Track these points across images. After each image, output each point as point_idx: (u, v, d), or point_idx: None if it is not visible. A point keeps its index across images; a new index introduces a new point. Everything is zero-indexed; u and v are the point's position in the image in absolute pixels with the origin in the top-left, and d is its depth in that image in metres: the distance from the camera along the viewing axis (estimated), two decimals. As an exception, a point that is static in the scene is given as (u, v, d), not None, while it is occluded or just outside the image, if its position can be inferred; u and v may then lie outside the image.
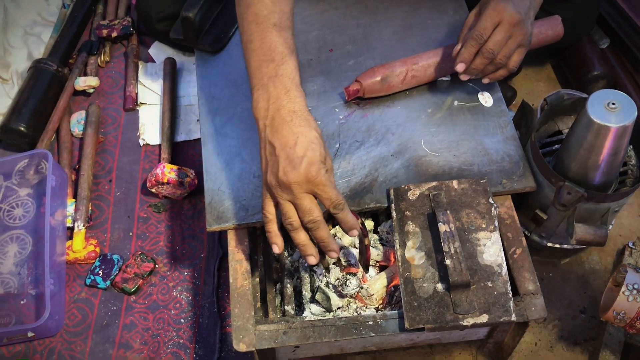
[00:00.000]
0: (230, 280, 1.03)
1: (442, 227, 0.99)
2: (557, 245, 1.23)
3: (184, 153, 1.49)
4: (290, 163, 0.87)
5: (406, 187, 1.08)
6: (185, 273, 1.32)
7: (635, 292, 1.01)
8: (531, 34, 1.10)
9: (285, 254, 1.16)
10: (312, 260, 0.93)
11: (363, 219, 1.07)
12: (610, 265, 1.30)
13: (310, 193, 0.89)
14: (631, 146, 1.17)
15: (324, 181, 0.88)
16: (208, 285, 1.29)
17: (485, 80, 1.15)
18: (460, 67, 1.10)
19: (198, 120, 1.53)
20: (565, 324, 1.24)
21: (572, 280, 1.29)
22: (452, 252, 0.97)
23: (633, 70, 1.52)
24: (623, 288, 1.02)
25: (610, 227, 1.25)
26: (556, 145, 1.21)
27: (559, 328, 1.23)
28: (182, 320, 1.26)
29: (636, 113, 0.98)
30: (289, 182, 0.87)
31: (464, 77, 1.13)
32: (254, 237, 1.14)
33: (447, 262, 0.96)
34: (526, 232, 1.23)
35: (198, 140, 1.50)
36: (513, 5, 1.05)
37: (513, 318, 0.95)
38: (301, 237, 0.92)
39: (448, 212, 1.01)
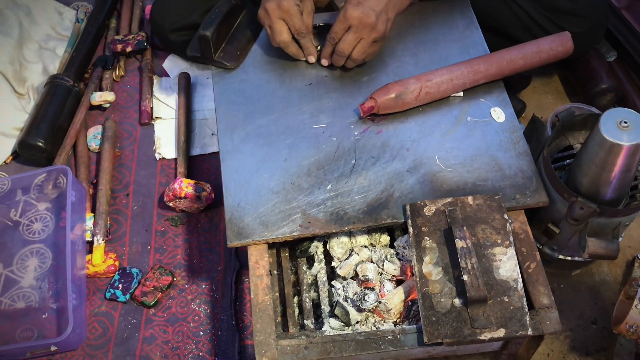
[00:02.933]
0: (252, 296, 1.06)
1: (459, 243, 1.02)
2: (569, 258, 1.25)
3: (199, 167, 1.51)
4: None
5: (422, 203, 1.10)
6: (203, 286, 1.34)
7: (647, 305, 1.04)
8: (387, 29, 1.24)
9: (304, 268, 1.19)
10: (312, 58, 1.30)
11: None
12: (620, 277, 1.33)
13: (282, 19, 1.23)
14: (641, 161, 1.19)
15: (292, 12, 1.21)
16: (226, 298, 1.32)
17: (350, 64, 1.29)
18: (324, 62, 1.30)
19: (213, 134, 1.56)
20: (577, 334, 1.26)
21: (583, 292, 1.31)
22: (469, 267, 0.99)
23: (640, 83, 1.55)
24: (636, 302, 1.05)
25: (620, 239, 1.27)
26: (567, 160, 1.23)
27: (571, 339, 1.26)
28: (201, 333, 1.28)
29: (648, 131, 1.01)
30: (265, 7, 1.22)
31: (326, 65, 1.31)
32: (273, 251, 1.16)
33: (465, 277, 0.99)
34: (538, 245, 1.25)
35: (213, 154, 1.53)
36: (362, 10, 1.19)
37: (529, 332, 0.98)
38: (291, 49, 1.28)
39: (464, 228, 1.04)
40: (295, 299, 1.19)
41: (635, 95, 1.52)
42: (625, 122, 1.01)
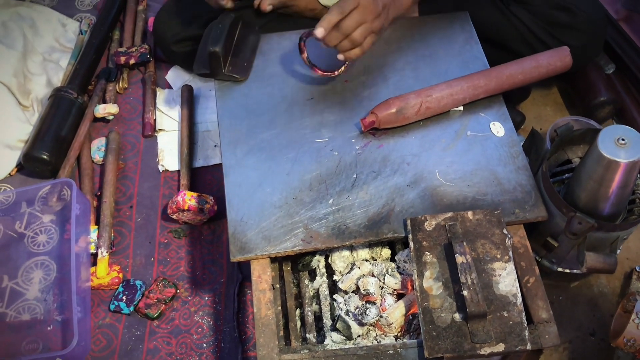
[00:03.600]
0: (255, 310, 1.07)
1: (459, 259, 1.03)
2: (567, 270, 1.26)
3: (202, 178, 1.53)
4: None
5: (423, 218, 1.11)
6: (206, 298, 1.36)
7: (645, 319, 1.06)
8: (385, 25, 1.26)
9: (306, 281, 1.20)
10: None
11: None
12: (618, 289, 1.34)
13: None
14: (639, 175, 1.21)
15: None
16: (228, 310, 1.33)
17: (340, 57, 1.24)
18: (319, 32, 1.19)
19: (215, 145, 1.57)
20: (575, 346, 1.27)
21: (582, 303, 1.33)
22: (469, 283, 1.01)
23: (638, 96, 1.56)
24: (633, 316, 1.06)
25: (618, 251, 1.29)
26: (566, 175, 1.25)
27: (570, 351, 1.27)
28: (205, 345, 1.30)
29: (645, 148, 1.02)
30: None
31: (320, 35, 1.21)
32: (276, 265, 1.18)
33: (465, 293, 1.00)
34: (537, 257, 1.27)
35: (216, 166, 1.54)
36: None
37: (528, 347, 0.99)
38: None
39: (464, 243, 1.05)
40: (297, 311, 1.20)
41: (634, 107, 1.54)
42: (623, 140, 1.02)
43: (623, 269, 1.36)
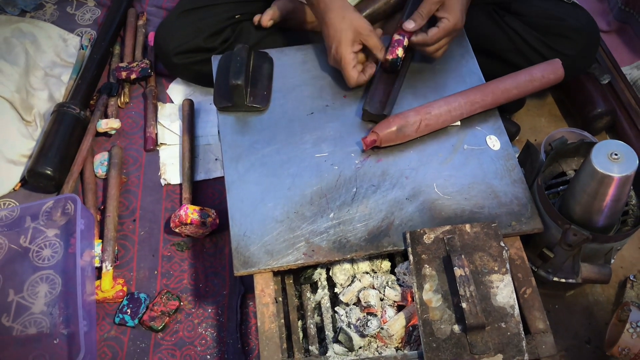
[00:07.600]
0: (258, 324, 1.09)
1: (458, 272, 1.06)
2: (563, 280, 1.29)
3: (204, 192, 1.55)
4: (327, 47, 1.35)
5: (422, 231, 1.14)
6: (210, 310, 1.38)
7: (638, 329, 1.08)
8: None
9: (308, 294, 1.23)
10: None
11: None
12: (613, 297, 1.37)
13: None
14: (632, 187, 1.24)
15: (345, 59, 1.30)
16: (231, 321, 1.35)
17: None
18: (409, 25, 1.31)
19: (216, 159, 1.60)
20: (571, 354, 1.30)
21: (577, 312, 1.35)
22: (468, 295, 1.04)
23: (629, 106, 1.59)
24: (627, 325, 1.09)
25: (612, 261, 1.32)
26: (561, 187, 1.27)
27: (566, 359, 1.30)
28: (208, 357, 1.32)
29: (637, 163, 1.05)
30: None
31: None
32: (278, 279, 1.20)
33: (464, 305, 1.03)
34: (533, 268, 1.30)
35: (217, 179, 1.57)
36: (461, 18, 1.31)
37: (526, 357, 1.02)
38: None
39: (463, 256, 1.08)
40: (300, 322, 1.23)
41: (624, 117, 1.57)
42: (616, 154, 1.05)
43: (617, 277, 1.39)
